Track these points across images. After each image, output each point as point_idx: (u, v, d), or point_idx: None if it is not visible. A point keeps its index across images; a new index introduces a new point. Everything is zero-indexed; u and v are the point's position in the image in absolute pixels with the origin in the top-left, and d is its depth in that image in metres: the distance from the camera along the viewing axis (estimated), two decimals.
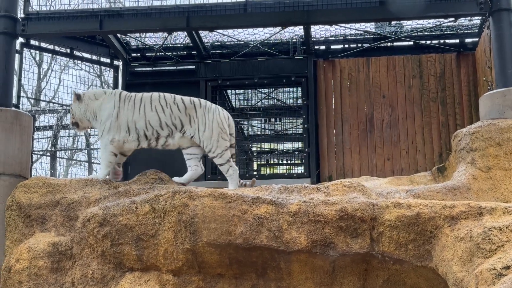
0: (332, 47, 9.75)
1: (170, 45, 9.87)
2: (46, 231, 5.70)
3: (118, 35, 9.25)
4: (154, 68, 9.65)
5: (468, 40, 9.40)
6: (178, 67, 9.65)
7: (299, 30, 9.46)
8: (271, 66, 9.48)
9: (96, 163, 11.95)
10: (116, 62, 10.03)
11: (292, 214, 4.85)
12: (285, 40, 9.70)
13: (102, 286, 5.29)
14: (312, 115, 9.24)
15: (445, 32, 9.41)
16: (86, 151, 14.34)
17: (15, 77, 8.49)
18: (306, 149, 9.21)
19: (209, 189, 5.15)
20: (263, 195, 5.08)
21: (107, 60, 10.03)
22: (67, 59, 13.42)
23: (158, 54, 9.84)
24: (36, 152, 11.20)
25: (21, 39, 8.33)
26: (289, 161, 10.90)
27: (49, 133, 11.28)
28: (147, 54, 9.94)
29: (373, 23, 9.39)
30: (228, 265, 5.04)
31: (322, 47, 9.75)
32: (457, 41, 9.48)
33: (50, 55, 12.09)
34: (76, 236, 5.47)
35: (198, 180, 7.81)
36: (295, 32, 9.59)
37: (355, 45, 9.67)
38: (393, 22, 9.54)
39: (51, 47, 9.78)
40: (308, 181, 8.63)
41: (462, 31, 9.37)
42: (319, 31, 9.52)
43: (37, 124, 10.66)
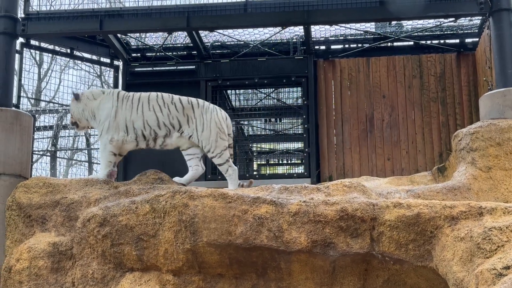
0: (332, 47, 9.75)
1: (170, 45, 9.87)
2: (46, 231, 5.70)
3: (118, 35, 9.25)
4: (154, 68, 9.65)
5: (468, 40, 9.40)
6: (178, 67, 9.65)
7: (299, 30, 9.46)
8: (271, 66, 9.48)
9: (96, 163, 11.96)
10: (116, 62, 10.03)
11: (292, 214, 4.85)
12: (285, 40, 9.70)
13: (103, 286, 5.29)
14: (312, 115, 9.24)
15: (445, 32, 9.41)
16: (86, 151, 14.34)
17: (15, 77, 8.50)
18: (306, 149, 9.20)
19: (209, 189, 5.15)
20: (263, 195, 5.08)
21: (107, 60, 10.03)
22: (67, 59, 13.43)
23: (158, 54, 9.84)
24: (36, 152, 11.20)
25: (21, 39, 8.33)
26: (289, 161, 10.90)
27: (49, 133, 11.29)
28: (147, 54, 9.94)
29: (373, 23, 9.39)
30: (229, 265, 5.03)
31: (322, 47, 9.75)
32: (457, 41, 9.47)
33: (50, 55, 12.09)
34: (76, 236, 5.47)
35: (198, 180, 7.80)
36: (295, 32, 9.59)
37: (355, 45, 9.67)
38: (393, 22, 9.54)
39: (51, 47, 9.79)
40: (308, 181, 8.63)
41: (462, 31, 9.37)
42: (319, 31, 9.51)
43: (37, 124, 10.66)
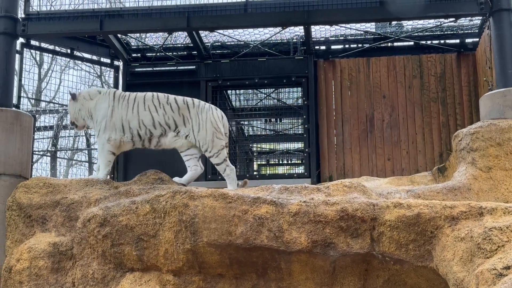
0: (333, 47, 9.75)
1: (171, 45, 9.87)
2: (46, 231, 5.70)
3: (119, 35, 9.25)
4: (154, 69, 9.65)
5: (468, 40, 9.40)
6: (179, 67, 9.65)
7: (299, 30, 9.46)
8: (272, 66, 9.48)
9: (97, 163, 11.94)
10: (116, 63, 10.03)
11: (292, 214, 4.84)
12: (285, 40, 9.70)
13: (103, 286, 5.29)
14: (312, 115, 9.24)
15: (446, 32, 9.41)
16: (86, 151, 14.33)
17: (16, 78, 8.50)
18: (306, 149, 9.20)
19: (210, 189, 5.15)
20: (264, 195, 5.08)
21: (108, 61, 10.03)
22: (67, 59, 13.42)
23: (158, 54, 9.84)
24: (36, 152, 11.20)
25: (21, 40, 8.33)
26: (289, 161, 10.90)
27: (50, 133, 11.29)
28: (148, 54, 9.93)
29: (373, 23, 9.39)
30: (229, 265, 5.03)
31: (323, 47, 9.75)
32: (457, 41, 9.47)
33: (50, 55, 12.09)
34: (76, 236, 5.47)
35: (198, 180, 7.81)
36: (295, 32, 9.59)
37: (355, 45, 9.67)
38: (394, 22, 9.54)
39: (51, 47, 9.79)
40: (308, 181, 8.63)
41: (462, 31, 9.37)
42: (320, 31, 9.51)
43: (37, 124, 10.66)
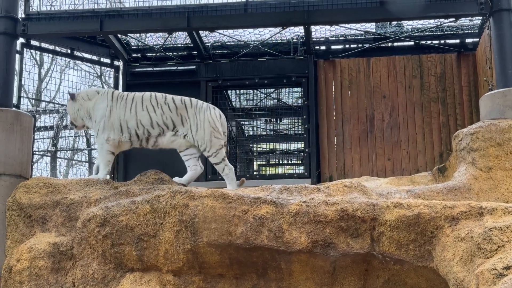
0: (333, 47, 9.75)
1: (171, 46, 9.87)
2: (46, 232, 5.70)
3: (119, 35, 9.25)
4: (154, 69, 9.65)
5: (468, 40, 9.40)
6: (179, 68, 9.65)
7: (299, 31, 9.46)
8: (272, 67, 9.48)
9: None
10: (116, 63, 10.03)
11: (292, 214, 4.84)
12: (285, 40, 9.71)
13: (103, 286, 5.28)
14: (312, 115, 9.24)
15: (446, 32, 9.41)
16: (86, 152, 14.33)
17: (16, 78, 8.50)
18: (306, 149, 9.20)
19: (210, 189, 5.15)
20: (264, 196, 5.08)
21: (108, 61, 10.03)
22: (67, 59, 13.42)
23: (158, 54, 9.84)
24: (36, 153, 11.20)
25: (21, 40, 8.33)
26: (289, 162, 10.90)
27: (50, 133, 11.29)
28: (148, 54, 9.94)
29: (373, 23, 9.39)
30: (229, 266, 5.03)
31: (323, 47, 9.75)
32: (457, 41, 9.48)
33: (50, 55, 12.09)
34: (76, 236, 5.47)
35: (198, 180, 7.81)
36: (295, 32, 9.59)
37: (355, 45, 9.68)
38: (394, 23, 9.54)
39: (51, 47, 9.79)
40: (308, 181, 8.63)
41: (462, 31, 9.37)
42: (320, 31, 9.52)
43: (37, 124, 10.67)
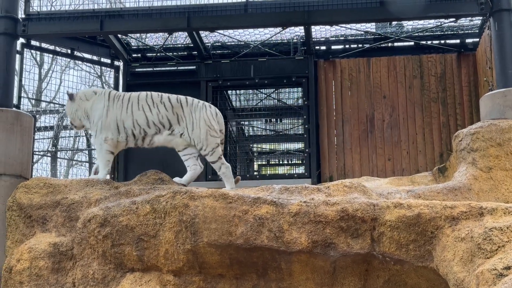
0: (333, 47, 9.75)
1: (171, 46, 9.87)
2: (47, 232, 5.70)
3: (119, 35, 9.25)
4: (154, 69, 9.65)
5: (468, 41, 9.40)
6: (179, 68, 9.65)
7: (299, 31, 9.46)
8: (272, 67, 9.48)
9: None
10: (116, 63, 10.03)
11: (292, 214, 4.84)
12: (285, 41, 9.71)
13: (103, 286, 5.28)
14: (312, 115, 9.24)
15: (446, 33, 9.41)
16: (86, 152, 14.33)
17: (16, 78, 8.50)
18: (306, 150, 9.20)
19: (210, 190, 5.15)
20: (264, 196, 5.08)
21: (108, 61, 10.03)
22: (67, 59, 13.43)
23: (158, 54, 9.84)
24: (37, 153, 11.20)
25: (21, 40, 8.33)
26: (289, 162, 10.90)
27: (50, 133, 11.29)
28: (148, 54, 9.94)
29: (373, 23, 9.39)
30: (229, 266, 5.03)
31: (323, 48, 9.76)
32: (457, 41, 9.48)
33: (50, 55, 12.09)
34: (77, 236, 5.47)
35: (199, 180, 7.80)
36: (295, 32, 9.59)
37: (355, 46, 9.68)
38: (394, 23, 9.54)
39: (51, 47, 9.79)
40: (309, 182, 8.63)
41: (462, 32, 9.37)
42: (320, 31, 9.52)
43: (38, 124, 10.67)
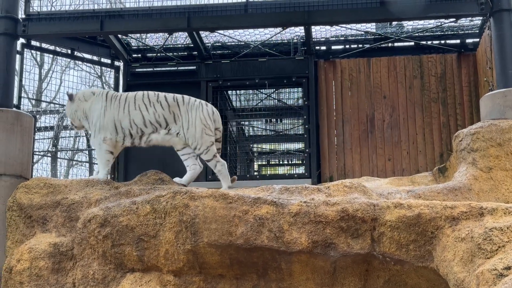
0: (333, 47, 9.75)
1: (171, 46, 9.87)
2: (47, 232, 5.70)
3: (119, 35, 9.25)
4: (155, 69, 9.65)
5: (469, 41, 9.40)
6: (179, 68, 9.65)
7: (300, 31, 9.46)
8: (272, 67, 9.48)
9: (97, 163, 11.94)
10: (117, 63, 10.03)
11: (293, 214, 4.84)
12: (286, 41, 9.71)
13: (103, 286, 5.28)
14: (313, 115, 9.24)
15: (446, 33, 9.41)
16: (87, 152, 14.34)
17: (16, 78, 8.50)
18: (307, 150, 9.20)
19: (210, 190, 5.15)
20: (264, 196, 5.08)
21: (108, 61, 10.03)
22: (68, 60, 13.43)
23: (159, 54, 9.85)
24: (37, 153, 11.20)
25: (22, 40, 8.33)
26: (290, 162, 10.91)
27: (50, 133, 11.29)
28: (148, 54, 9.94)
29: (373, 23, 9.39)
30: (229, 266, 5.03)
31: (323, 48, 9.76)
32: (458, 41, 9.47)
33: (51, 55, 12.09)
34: (77, 236, 5.47)
35: (199, 180, 7.81)
36: (296, 32, 9.59)
37: (356, 46, 9.68)
38: (394, 23, 9.54)
39: (52, 47, 9.79)
40: (309, 182, 8.63)
41: (463, 32, 9.37)
42: (320, 31, 9.51)
43: (38, 124, 10.67)
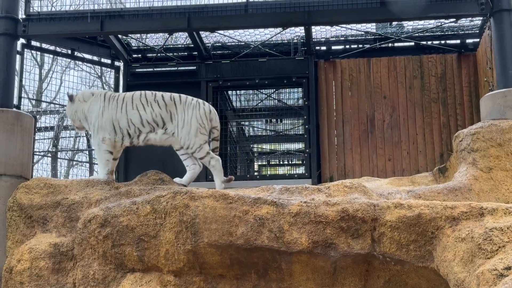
0: (333, 47, 9.75)
1: (171, 46, 9.87)
2: (47, 232, 5.70)
3: (119, 36, 9.25)
4: (155, 69, 9.65)
5: (469, 41, 9.40)
6: (179, 68, 9.65)
7: (300, 31, 9.46)
8: (272, 67, 9.48)
9: (97, 164, 11.94)
10: (117, 63, 10.03)
11: (293, 214, 4.84)
12: (286, 41, 9.71)
13: (104, 286, 5.28)
14: (313, 115, 9.24)
15: (446, 33, 9.41)
16: (87, 152, 14.34)
17: (16, 78, 8.50)
18: (307, 150, 9.20)
19: (210, 190, 5.15)
20: (264, 196, 5.08)
21: (108, 61, 10.03)
22: (68, 60, 13.43)
23: (159, 55, 9.84)
24: (37, 153, 11.20)
25: (22, 40, 8.33)
26: (290, 162, 10.91)
27: (50, 134, 11.29)
28: (148, 55, 9.94)
29: (374, 23, 9.39)
30: (229, 266, 5.03)
31: (323, 48, 9.76)
32: (458, 41, 9.48)
33: (51, 56, 12.09)
34: (77, 237, 5.47)
35: (199, 180, 7.80)
36: (296, 32, 9.59)
37: (356, 46, 9.67)
38: (394, 23, 9.54)
39: (52, 48, 9.79)
40: (309, 182, 8.63)
41: (463, 32, 9.37)
42: (320, 31, 9.52)
43: (38, 125, 10.67)
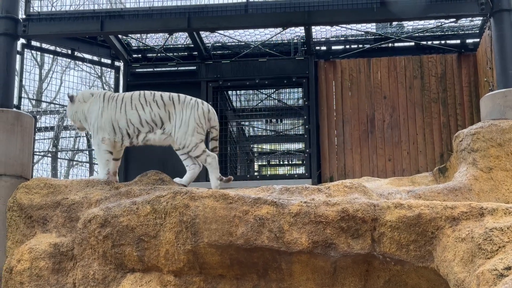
0: (333, 47, 9.75)
1: (171, 46, 9.87)
2: (47, 232, 5.70)
3: (119, 36, 9.25)
4: (155, 69, 9.65)
5: (469, 41, 9.40)
6: (179, 68, 9.65)
7: (300, 31, 9.46)
8: (272, 67, 9.48)
9: (97, 164, 11.95)
10: (117, 63, 10.03)
11: (293, 214, 4.84)
12: (286, 41, 9.71)
13: (104, 287, 5.28)
14: (313, 115, 9.24)
15: (446, 33, 9.41)
16: (87, 152, 14.34)
17: (16, 78, 8.50)
18: (307, 150, 9.20)
19: (210, 190, 5.15)
20: (264, 196, 5.08)
21: (108, 61, 10.03)
22: (68, 60, 13.43)
23: (159, 55, 9.85)
24: (37, 153, 11.20)
25: (22, 40, 8.33)
26: (290, 162, 10.91)
27: (50, 134, 11.30)
28: (148, 55, 9.94)
29: (374, 23, 9.39)
30: (229, 266, 5.03)
31: (323, 48, 9.76)
32: (458, 41, 9.47)
33: (51, 56, 12.09)
34: (77, 237, 5.48)
35: (199, 181, 7.80)
36: (296, 32, 9.59)
37: (356, 46, 9.67)
38: (394, 23, 9.54)
39: (52, 48, 9.79)
40: (309, 182, 8.62)
41: (463, 32, 9.37)
42: (320, 31, 9.52)
43: (38, 125, 10.68)
